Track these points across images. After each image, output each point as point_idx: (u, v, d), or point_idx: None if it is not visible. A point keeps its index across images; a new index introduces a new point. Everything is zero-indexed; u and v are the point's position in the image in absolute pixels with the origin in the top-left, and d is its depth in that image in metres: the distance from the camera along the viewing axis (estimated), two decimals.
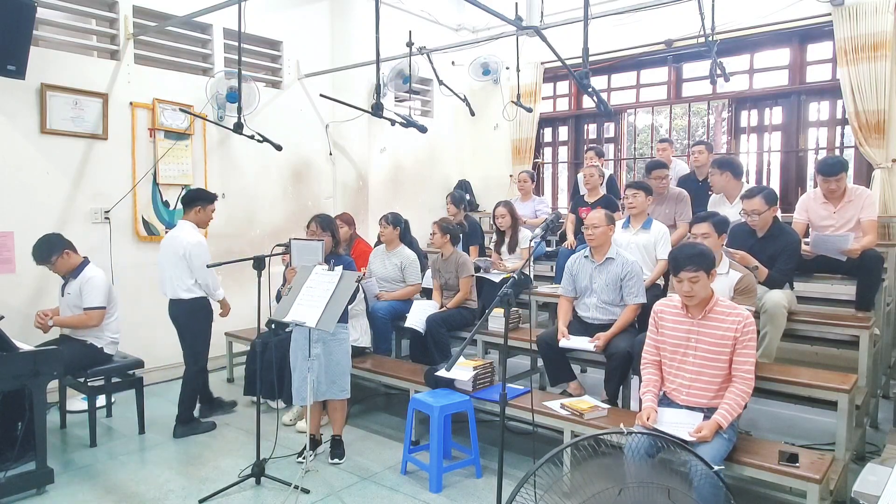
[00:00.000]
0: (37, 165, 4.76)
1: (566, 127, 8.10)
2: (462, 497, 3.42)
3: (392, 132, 6.45)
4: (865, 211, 4.21)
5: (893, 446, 3.23)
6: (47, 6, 4.79)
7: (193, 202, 4.26)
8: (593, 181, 5.70)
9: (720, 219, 3.80)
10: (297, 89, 6.55)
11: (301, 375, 3.67)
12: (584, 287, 4.17)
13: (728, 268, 3.66)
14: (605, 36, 6.06)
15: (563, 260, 5.01)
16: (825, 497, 2.74)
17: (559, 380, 4.18)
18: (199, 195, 4.30)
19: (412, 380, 4.19)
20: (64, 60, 4.89)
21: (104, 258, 4.90)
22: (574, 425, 3.40)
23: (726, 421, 2.81)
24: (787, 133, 6.36)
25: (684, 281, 2.95)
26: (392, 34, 5.36)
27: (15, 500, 3.33)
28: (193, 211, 4.25)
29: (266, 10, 6.13)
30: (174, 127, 5.50)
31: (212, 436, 4.30)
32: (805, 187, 6.09)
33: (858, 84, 5.47)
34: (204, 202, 4.28)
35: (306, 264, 3.58)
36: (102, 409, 4.59)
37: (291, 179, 6.50)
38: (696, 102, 7.40)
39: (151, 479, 3.64)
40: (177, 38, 5.67)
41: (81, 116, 4.95)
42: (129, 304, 5.03)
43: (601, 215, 4.09)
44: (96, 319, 4.14)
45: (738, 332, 2.91)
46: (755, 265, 3.91)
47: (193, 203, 4.26)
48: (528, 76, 7.20)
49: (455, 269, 4.97)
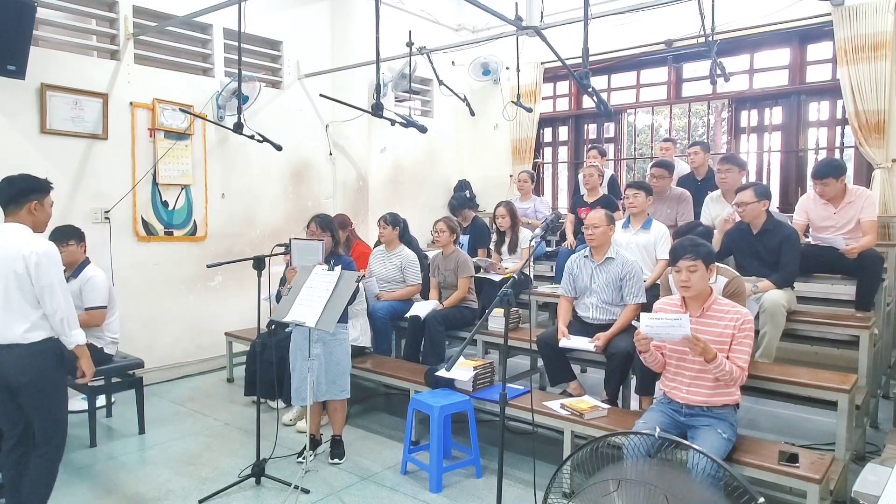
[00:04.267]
0: (37, 165, 4.74)
1: (566, 127, 8.10)
2: (462, 497, 3.42)
3: (392, 132, 6.44)
4: (865, 211, 4.22)
5: (893, 446, 3.24)
6: (47, 6, 4.79)
7: (25, 196, 2.85)
8: (592, 181, 5.70)
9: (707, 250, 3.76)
10: (297, 89, 6.55)
11: (301, 375, 3.67)
12: (584, 287, 4.17)
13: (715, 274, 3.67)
14: (605, 36, 6.05)
15: (563, 260, 5.00)
16: (825, 497, 2.74)
17: (559, 380, 4.18)
18: (31, 185, 2.90)
19: (412, 380, 4.19)
20: (64, 60, 4.89)
21: (104, 258, 4.90)
22: (574, 425, 3.41)
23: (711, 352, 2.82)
24: (787, 133, 6.36)
25: (682, 270, 2.97)
26: (392, 34, 5.36)
27: None
28: (26, 209, 2.86)
29: (266, 10, 6.13)
30: (174, 127, 5.50)
31: (212, 436, 4.30)
32: (805, 187, 6.08)
33: (858, 84, 5.47)
34: (39, 194, 2.91)
35: (306, 264, 3.58)
36: (102, 409, 4.58)
37: (291, 179, 6.50)
38: (696, 102, 7.40)
39: (151, 479, 3.64)
40: (177, 38, 5.67)
41: (81, 116, 4.95)
42: (129, 304, 5.02)
43: (601, 215, 4.09)
44: (98, 319, 4.14)
45: (735, 329, 2.93)
46: (753, 286, 3.92)
47: (25, 197, 2.85)
48: (528, 76, 7.20)
49: (454, 268, 4.97)
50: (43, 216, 2.96)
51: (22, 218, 2.87)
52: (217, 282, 5.83)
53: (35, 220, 2.91)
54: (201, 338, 5.73)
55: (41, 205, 2.91)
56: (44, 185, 2.96)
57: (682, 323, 2.82)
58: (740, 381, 2.94)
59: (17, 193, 2.86)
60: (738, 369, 2.89)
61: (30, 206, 2.87)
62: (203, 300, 5.74)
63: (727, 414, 2.95)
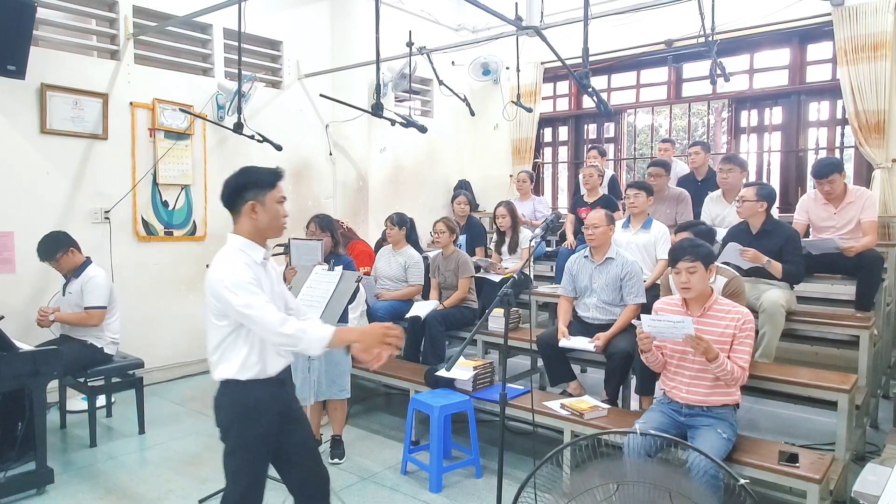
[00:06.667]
0: (37, 165, 4.76)
1: (566, 127, 8.10)
2: (462, 497, 3.42)
3: (392, 132, 6.44)
4: (866, 212, 4.21)
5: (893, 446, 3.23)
6: (47, 6, 4.79)
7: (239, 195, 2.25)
8: (592, 181, 5.69)
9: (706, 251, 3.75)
10: (297, 89, 6.55)
11: (301, 375, 3.67)
12: (584, 287, 4.17)
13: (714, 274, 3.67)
14: (605, 36, 6.05)
15: (563, 260, 5.01)
16: (825, 497, 2.74)
17: (559, 380, 4.18)
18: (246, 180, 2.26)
19: (412, 380, 4.19)
20: (64, 60, 4.89)
21: (104, 258, 4.89)
22: (574, 425, 3.40)
23: (714, 352, 2.82)
24: (787, 133, 6.36)
25: (682, 272, 2.97)
26: (392, 34, 5.36)
27: (15, 500, 3.33)
28: (244, 212, 2.26)
29: (266, 10, 6.13)
30: (174, 127, 5.50)
31: (212, 436, 4.29)
32: (805, 187, 6.08)
33: (858, 84, 5.47)
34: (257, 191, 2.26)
35: (305, 264, 3.58)
36: (102, 409, 4.59)
37: (291, 179, 6.50)
38: (696, 102, 7.40)
39: (151, 479, 3.64)
40: (177, 38, 5.67)
41: (81, 116, 4.95)
42: (130, 304, 5.02)
43: (601, 215, 4.09)
44: (97, 319, 4.14)
45: (736, 329, 2.93)
46: (766, 260, 3.91)
47: (240, 197, 2.25)
48: (528, 76, 7.19)
49: (455, 268, 4.97)
50: (266, 218, 2.25)
51: (241, 226, 2.27)
52: None
53: (255, 224, 2.25)
54: (201, 338, 5.62)
55: (260, 204, 2.23)
56: (263, 178, 2.25)
57: (685, 323, 2.83)
58: (741, 382, 2.94)
59: (230, 194, 2.26)
60: (739, 369, 2.89)
61: (246, 207, 2.23)
62: (203, 300, 5.71)
63: (727, 414, 2.95)
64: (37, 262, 4.24)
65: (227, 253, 2.24)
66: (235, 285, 2.14)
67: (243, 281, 2.15)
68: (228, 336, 2.25)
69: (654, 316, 2.99)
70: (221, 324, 2.25)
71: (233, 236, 2.28)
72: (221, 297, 2.17)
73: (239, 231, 2.27)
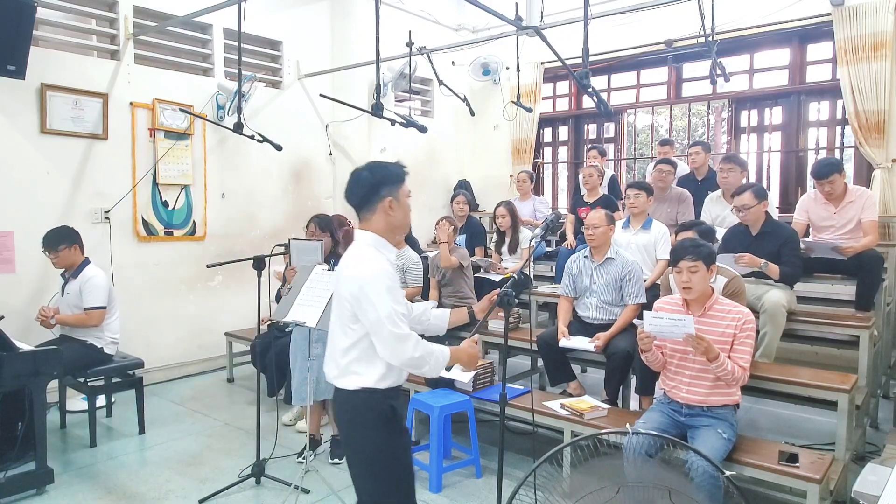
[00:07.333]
0: (37, 165, 4.76)
1: (566, 127, 8.10)
2: (462, 497, 3.42)
3: (392, 132, 6.43)
4: (866, 212, 4.22)
5: (893, 446, 3.23)
6: (47, 6, 4.79)
7: (374, 192, 2.19)
8: (592, 181, 5.69)
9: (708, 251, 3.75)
10: (297, 89, 6.55)
11: (301, 375, 3.67)
12: (584, 287, 4.17)
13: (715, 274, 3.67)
14: (605, 36, 6.05)
15: (563, 260, 5.00)
16: (825, 497, 2.74)
17: (559, 380, 4.18)
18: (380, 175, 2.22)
19: (412, 380, 4.19)
20: (64, 60, 4.89)
21: (104, 258, 4.90)
22: (574, 425, 3.40)
23: (714, 352, 2.81)
24: (787, 133, 6.36)
25: (683, 271, 2.97)
26: (392, 34, 5.36)
27: (15, 500, 3.33)
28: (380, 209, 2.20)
29: (266, 10, 6.13)
30: (174, 127, 5.50)
31: (212, 436, 4.30)
32: (805, 187, 6.09)
33: (858, 84, 5.47)
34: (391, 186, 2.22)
35: (306, 264, 3.58)
36: (102, 409, 4.58)
37: (291, 179, 6.50)
38: (696, 102, 7.40)
39: (151, 479, 3.64)
40: (177, 38, 5.67)
41: (81, 116, 4.95)
42: (129, 304, 5.02)
43: (601, 215, 4.09)
44: (96, 319, 4.14)
45: (737, 329, 2.93)
46: (763, 262, 3.91)
47: (375, 194, 2.19)
48: (528, 76, 7.19)
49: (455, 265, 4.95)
50: (401, 214, 2.20)
51: (373, 223, 2.18)
52: (217, 282, 5.83)
53: (390, 221, 2.18)
54: (201, 338, 5.73)
55: (395, 200, 2.17)
56: (396, 173, 2.22)
57: (686, 322, 2.83)
58: (742, 382, 2.94)
59: (367, 190, 2.17)
60: (739, 369, 2.88)
61: (384, 204, 2.16)
62: (203, 300, 5.74)
63: (727, 414, 2.95)
64: (37, 263, 4.25)
65: (364, 251, 2.12)
66: (385, 289, 2.01)
67: (392, 286, 2.04)
68: (361, 341, 2.08)
69: (655, 313, 2.99)
70: (355, 327, 2.08)
71: (364, 233, 2.16)
72: (363, 300, 2.01)
73: (372, 228, 2.15)
